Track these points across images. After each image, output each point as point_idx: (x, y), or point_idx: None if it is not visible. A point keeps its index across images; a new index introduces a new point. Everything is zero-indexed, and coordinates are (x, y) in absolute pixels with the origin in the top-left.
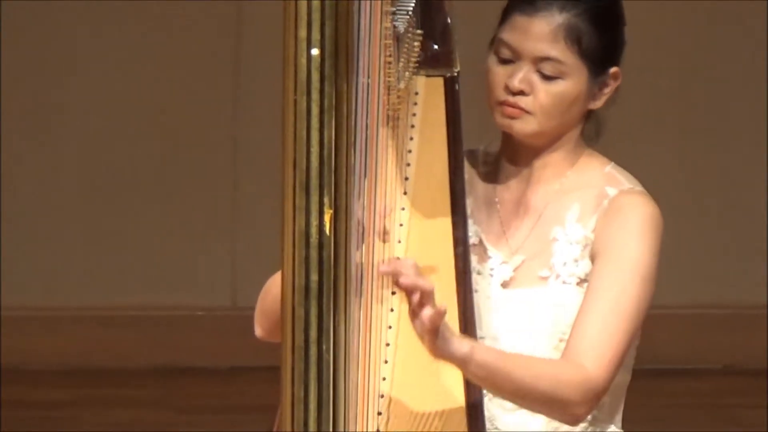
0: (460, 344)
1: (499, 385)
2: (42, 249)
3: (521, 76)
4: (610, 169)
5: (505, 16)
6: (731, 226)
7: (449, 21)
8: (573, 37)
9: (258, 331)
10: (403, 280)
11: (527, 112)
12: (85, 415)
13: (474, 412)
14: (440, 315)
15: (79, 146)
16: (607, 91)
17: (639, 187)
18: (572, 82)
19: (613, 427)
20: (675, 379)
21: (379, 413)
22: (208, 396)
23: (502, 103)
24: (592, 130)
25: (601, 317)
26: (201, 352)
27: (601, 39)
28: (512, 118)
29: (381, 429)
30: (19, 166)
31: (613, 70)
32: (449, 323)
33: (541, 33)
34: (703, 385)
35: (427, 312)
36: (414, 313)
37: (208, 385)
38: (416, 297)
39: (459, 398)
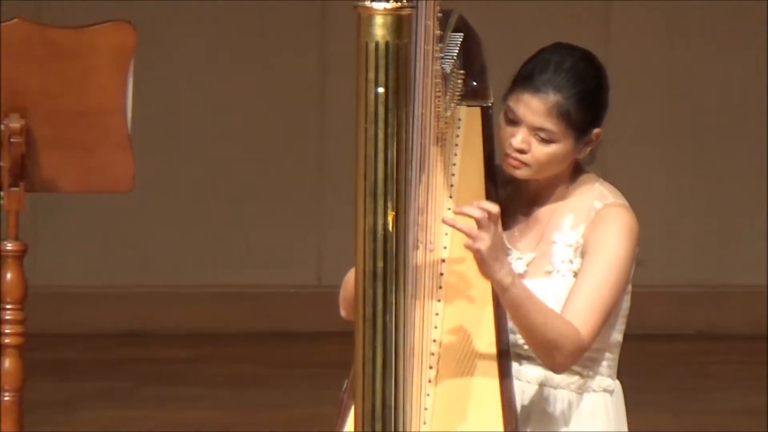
0: (505, 275)
1: (520, 316)
2: (167, 237)
3: (521, 137)
4: (598, 185)
5: (513, 87)
6: (705, 223)
7: (485, 63)
8: (563, 114)
9: (342, 313)
10: (474, 204)
11: (526, 164)
12: (202, 370)
13: (504, 369)
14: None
15: (197, 150)
16: (592, 144)
17: (620, 200)
18: (561, 146)
19: (609, 380)
20: (658, 342)
21: (431, 367)
22: (297, 355)
23: (508, 156)
24: (587, 157)
25: (585, 296)
26: (292, 320)
27: (585, 115)
28: (515, 168)
29: (431, 380)
30: (148, 169)
31: (595, 131)
32: (504, 256)
33: (538, 109)
34: (680, 346)
35: (484, 238)
36: (475, 237)
37: (297, 346)
38: (483, 216)
39: (492, 362)
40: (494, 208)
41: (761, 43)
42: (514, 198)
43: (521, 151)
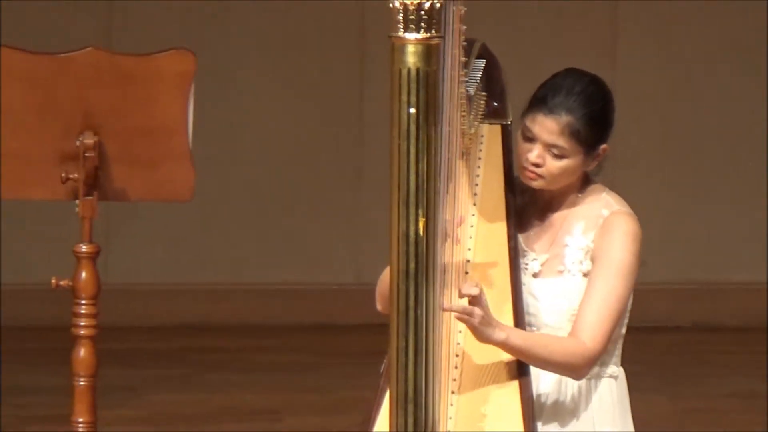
0: (499, 334)
1: (527, 357)
2: (223, 240)
3: (537, 153)
4: (605, 195)
5: (529, 108)
6: (699, 228)
7: (504, 86)
8: (573, 133)
9: (378, 307)
10: (470, 284)
11: (541, 176)
12: (254, 358)
13: (523, 366)
14: (482, 324)
15: (251, 161)
16: (599, 158)
17: (625, 208)
18: (572, 160)
19: (614, 367)
20: (658, 333)
21: (456, 355)
22: (338, 344)
23: (525, 169)
24: (595, 169)
25: (595, 308)
26: (334, 314)
27: (593, 133)
28: (531, 180)
29: (457, 366)
30: (208, 179)
31: (602, 147)
32: (494, 319)
33: (552, 129)
34: (677, 337)
35: (477, 314)
36: (470, 313)
37: (338, 337)
38: (477, 292)
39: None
40: (476, 290)
41: (761, 59)
42: (530, 205)
43: (537, 165)
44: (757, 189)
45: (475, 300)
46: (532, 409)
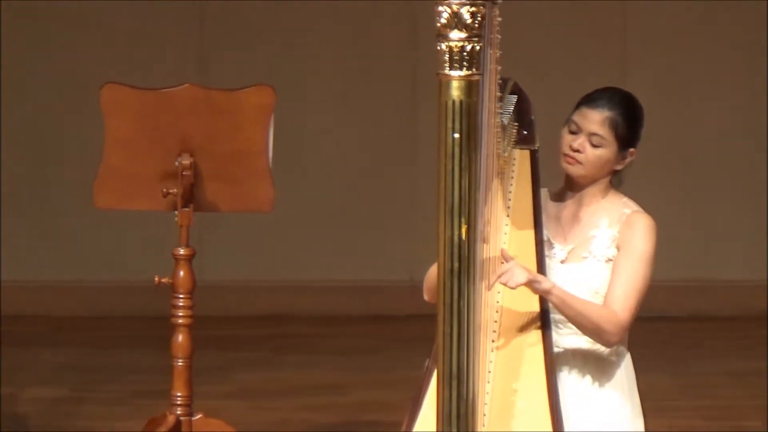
0: (545, 283)
1: (565, 309)
2: (300, 244)
3: (580, 141)
4: (625, 199)
5: (577, 107)
6: (695, 233)
7: (533, 118)
8: (613, 125)
9: (425, 297)
10: (512, 283)
11: (579, 162)
12: (326, 343)
13: (546, 340)
14: (532, 278)
15: (322, 176)
16: (627, 161)
17: (640, 209)
18: (607, 150)
19: (622, 348)
20: (661, 322)
21: (493, 341)
22: (394, 331)
23: (567, 155)
24: (617, 181)
25: (624, 285)
26: (391, 306)
27: (628, 131)
28: (570, 164)
29: (493, 350)
30: (285, 192)
31: (631, 150)
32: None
33: (595, 119)
34: (678, 326)
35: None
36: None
37: (394, 325)
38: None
39: (538, 335)
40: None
41: (761, 76)
42: (558, 209)
43: (577, 151)
44: (746, 198)
45: (511, 266)
46: (555, 386)
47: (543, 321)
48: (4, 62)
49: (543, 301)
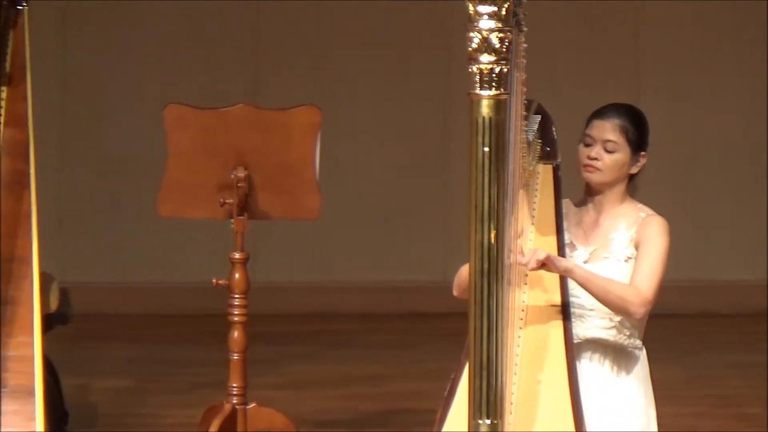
0: (567, 263)
1: (590, 286)
2: (344, 249)
3: (596, 150)
4: (640, 205)
5: (589, 122)
6: (700, 238)
7: (555, 136)
8: (623, 131)
9: (455, 293)
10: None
11: (599, 169)
12: (367, 338)
13: (567, 332)
14: (551, 258)
15: (363, 187)
16: (640, 163)
17: (655, 213)
18: (621, 155)
19: (638, 341)
20: (671, 319)
21: (519, 336)
22: (429, 327)
23: (586, 166)
24: (632, 189)
25: (646, 269)
26: (426, 304)
27: (637, 136)
28: (591, 173)
29: (519, 345)
30: (331, 202)
31: (642, 153)
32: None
33: (607, 128)
34: (685, 322)
35: (539, 253)
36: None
37: (429, 322)
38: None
39: (559, 329)
40: (543, 256)
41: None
42: (580, 216)
43: (595, 159)
44: (747, 206)
45: (544, 260)
46: (576, 376)
47: (564, 317)
48: (73, 78)
49: (564, 299)
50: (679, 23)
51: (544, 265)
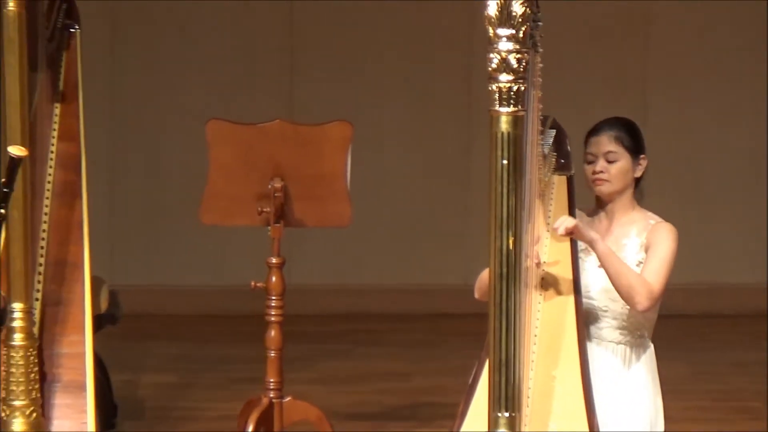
0: (594, 234)
1: (608, 263)
2: (373, 254)
3: (600, 164)
4: (650, 213)
5: (586, 140)
6: (703, 244)
7: (569, 149)
8: (619, 140)
9: (476, 295)
10: (567, 227)
11: (606, 180)
12: (395, 337)
13: (580, 333)
14: (578, 228)
15: (391, 197)
16: (642, 166)
17: (663, 220)
18: (623, 161)
19: (648, 340)
20: (676, 319)
21: (535, 335)
22: (452, 327)
23: (595, 180)
24: (639, 195)
25: (655, 267)
26: (449, 306)
27: (633, 142)
28: (600, 185)
29: (535, 343)
30: (359, 209)
31: (642, 156)
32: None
33: (603, 141)
34: (690, 322)
35: (568, 220)
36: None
37: (452, 322)
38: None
39: (573, 329)
40: (572, 223)
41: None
42: (593, 224)
43: (601, 172)
44: (748, 214)
45: (566, 218)
46: (588, 373)
47: (577, 317)
48: (122, 95)
49: (578, 300)
50: (685, 44)
51: (572, 233)
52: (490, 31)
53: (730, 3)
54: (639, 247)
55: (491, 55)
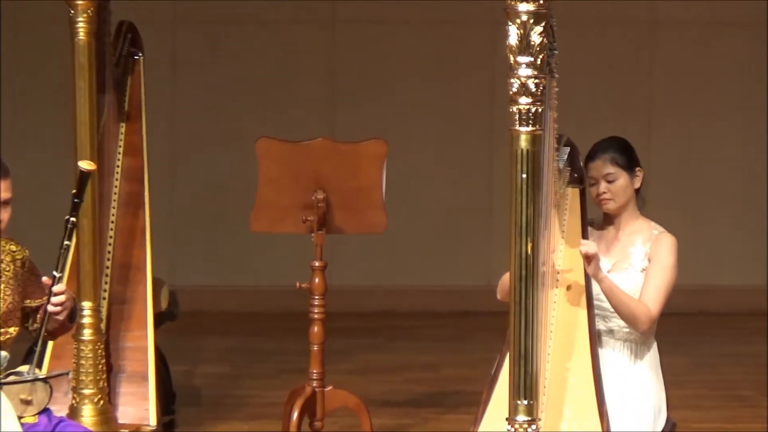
0: (602, 274)
1: (611, 297)
2: (406, 257)
3: (602, 186)
4: (653, 223)
5: (586, 165)
6: (703, 247)
7: (581, 165)
8: (613, 161)
9: (498, 296)
10: (588, 252)
11: (611, 199)
12: (424, 332)
13: (591, 330)
14: (594, 260)
15: (421, 205)
16: (639, 178)
17: (665, 231)
18: (622, 179)
19: (652, 337)
20: (676, 317)
21: (551, 331)
22: (476, 323)
23: (600, 200)
24: (641, 202)
25: (654, 287)
26: (473, 305)
27: (626, 159)
28: (605, 204)
29: (551, 338)
30: (393, 217)
31: (637, 168)
32: (600, 257)
33: (599, 165)
34: (688, 320)
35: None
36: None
37: (476, 320)
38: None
39: (585, 327)
40: (593, 252)
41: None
42: (602, 234)
43: (604, 193)
44: (743, 221)
45: (592, 258)
46: (598, 365)
47: (589, 316)
48: (181, 114)
49: (589, 301)
50: (689, 67)
51: (588, 259)
52: (511, 58)
53: (730, 30)
54: (644, 256)
55: (512, 80)
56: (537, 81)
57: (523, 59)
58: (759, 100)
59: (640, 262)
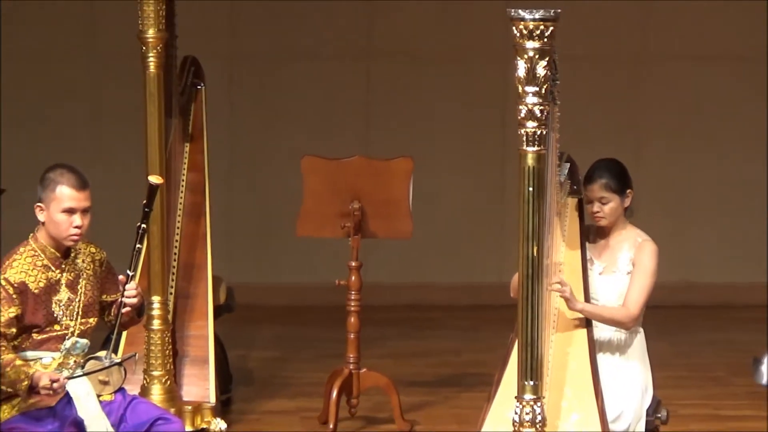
0: (580, 305)
1: (593, 316)
2: (430, 259)
3: (596, 206)
4: (639, 231)
5: (585, 185)
6: (690, 247)
7: (580, 178)
8: (608, 187)
9: (511, 294)
10: (564, 295)
11: (603, 217)
12: (448, 322)
13: (588, 322)
14: (570, 298)
15: (446, 215)
16: (629, 198)
17: (649, 238)
18: (614, 202)
19: (639, 326)
20: (662, 309)
21: (554, 322)
22: (489, 315)
23: (594, 218)
24: (629, 213)
25: (636, 290)
26: (488, 299)
27: (619, 184)
28: (598, 221)
29: (554, 328)
30: (416, 222)
31: (628, 191)
32: (575, 297)
33: (595, 189)
34: (673, 312)
35: (565, 295)
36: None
37: (488, 312)
38: (566, 298)
39: (583, 320)
40: (567, 292)
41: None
42: (596, 239)
43: (598, 212)
44: (733, 223)
45: (568, 294)
46: (594, 351)
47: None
48: (238, 134)
49: (586, 297)
50: (677, 81)
51: (565, 299)
52: (520, 88)
53: (727, 61)
54: (629, 260)
55: (520, 107)
56: (542, 107)
57: (530, 89)
58: (759, 104)
59: (626, 266)
